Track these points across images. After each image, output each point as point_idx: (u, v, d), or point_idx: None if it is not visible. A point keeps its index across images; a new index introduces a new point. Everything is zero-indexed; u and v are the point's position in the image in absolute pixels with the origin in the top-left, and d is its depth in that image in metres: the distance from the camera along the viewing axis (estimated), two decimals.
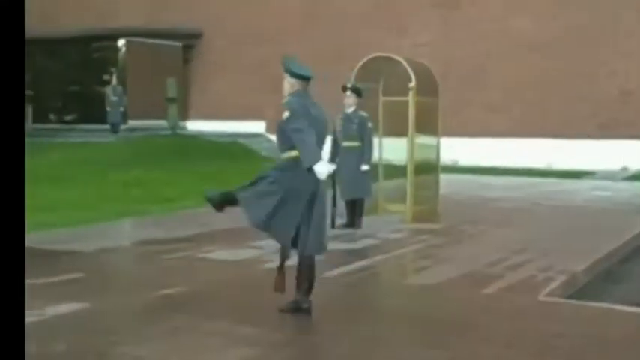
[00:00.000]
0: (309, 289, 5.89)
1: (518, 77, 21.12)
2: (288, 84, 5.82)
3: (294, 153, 5.67)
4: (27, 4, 24.45)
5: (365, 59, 11.78)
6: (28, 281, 6.87)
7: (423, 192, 11.48)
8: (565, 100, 20.64)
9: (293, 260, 5.95)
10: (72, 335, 5.36)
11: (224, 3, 25.42)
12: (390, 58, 11.75)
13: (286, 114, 5.62)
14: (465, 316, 6.01)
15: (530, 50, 20.98)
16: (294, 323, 5.70)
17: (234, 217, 11.26)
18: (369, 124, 10.44)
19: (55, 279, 7.13)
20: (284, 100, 5.73)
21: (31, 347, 5.08)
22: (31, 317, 5.74)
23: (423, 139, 11.48)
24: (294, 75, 5.77)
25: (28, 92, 22.21)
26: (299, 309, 5.87)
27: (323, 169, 5.58)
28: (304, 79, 5.75)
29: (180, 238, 9.54)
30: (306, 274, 5.88)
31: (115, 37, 24.62)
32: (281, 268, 5.92)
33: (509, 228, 10.68)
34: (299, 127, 5.54)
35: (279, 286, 5.90)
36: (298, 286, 5.90)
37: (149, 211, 11.98)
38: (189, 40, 26.05)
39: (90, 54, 25.52)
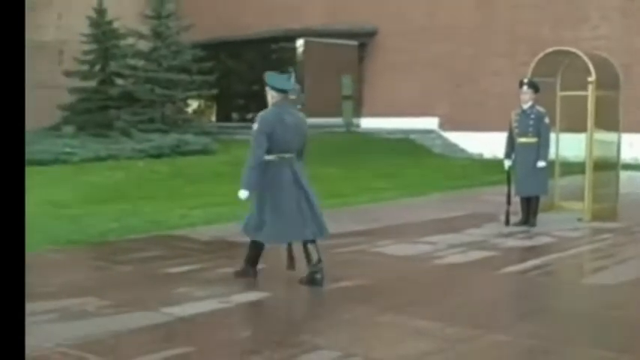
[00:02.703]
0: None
1: None
2: (270, 96, 6.73)
3: (266, 157, 6.57)
4: (215, 9, 25.50)
5: (542, 53, 11.56)
6: (217, 270, 7.36)
7: (601, 189, 11.10)
8: None
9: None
10: (255, 322, 5.69)
11: (399, 1, 25.56)
12: (567, 52, 11.46)
13: (255, 125, 6.57)
14: None
15: None
16: (469, 319, 5.75)
17: (407, 214, 11.42)
18: (546, 120, 10.24)
19: (239, 269, 7.53)
20: (261, 112, 6.71)
21: (219, 333, 5.47)
22: (218, 304, 6.15)
23: (603, 135, 11.11)
24: (273, 88, 6.70)
25: (214, 92, 23.37)
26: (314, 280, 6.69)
27: (241, 195, 6.55)
28: (282, 91, 6.66)
29: (354, 232, 9.78)
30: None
31: (294, 38, 25.38)
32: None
33: None
34: (255, 145, 6.53)
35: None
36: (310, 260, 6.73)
37: (325, 206, 12.27)
38: (364, 39, 26.42)
39: (270, 54, 26.44)
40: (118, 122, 21.53)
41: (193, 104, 25.32)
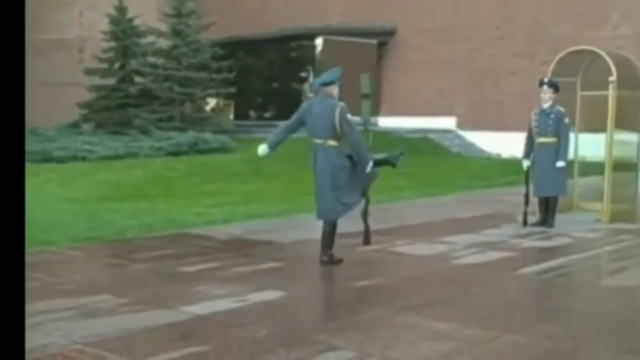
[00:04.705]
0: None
1: None
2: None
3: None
4: (235, 7, 25.35)
5: (563, 53, 11.48)
6: (234, 269, 7.37)
7: (620, 190, 11.01)
8: None
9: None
10: (272, 322, 5.67)
11: (419, 0, 25.47)
12: (588, 51, 11.38)
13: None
14: None
15: None
16: (486, 320, 5.72)
17: (425, 213, 11.39)
18: (566, 120, 10.18)
19: (256, 267, 7.55)
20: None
21: (235, 331, 5.47)
22: (235, 303, 6.15)
23: (623, 136, 11.03)
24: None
25: (232, 90, 23.39)
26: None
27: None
28: (318, 85, 7.92)
29: (372, 231, 9.72)
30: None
31: (313, 36, 25.36)
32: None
33: None
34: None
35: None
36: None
37: None
38: (384, 37, 26.35)
39: (289, 53, 26.44)
40: (136, 120, 21.60)
41: (211, 102, 25.36)
